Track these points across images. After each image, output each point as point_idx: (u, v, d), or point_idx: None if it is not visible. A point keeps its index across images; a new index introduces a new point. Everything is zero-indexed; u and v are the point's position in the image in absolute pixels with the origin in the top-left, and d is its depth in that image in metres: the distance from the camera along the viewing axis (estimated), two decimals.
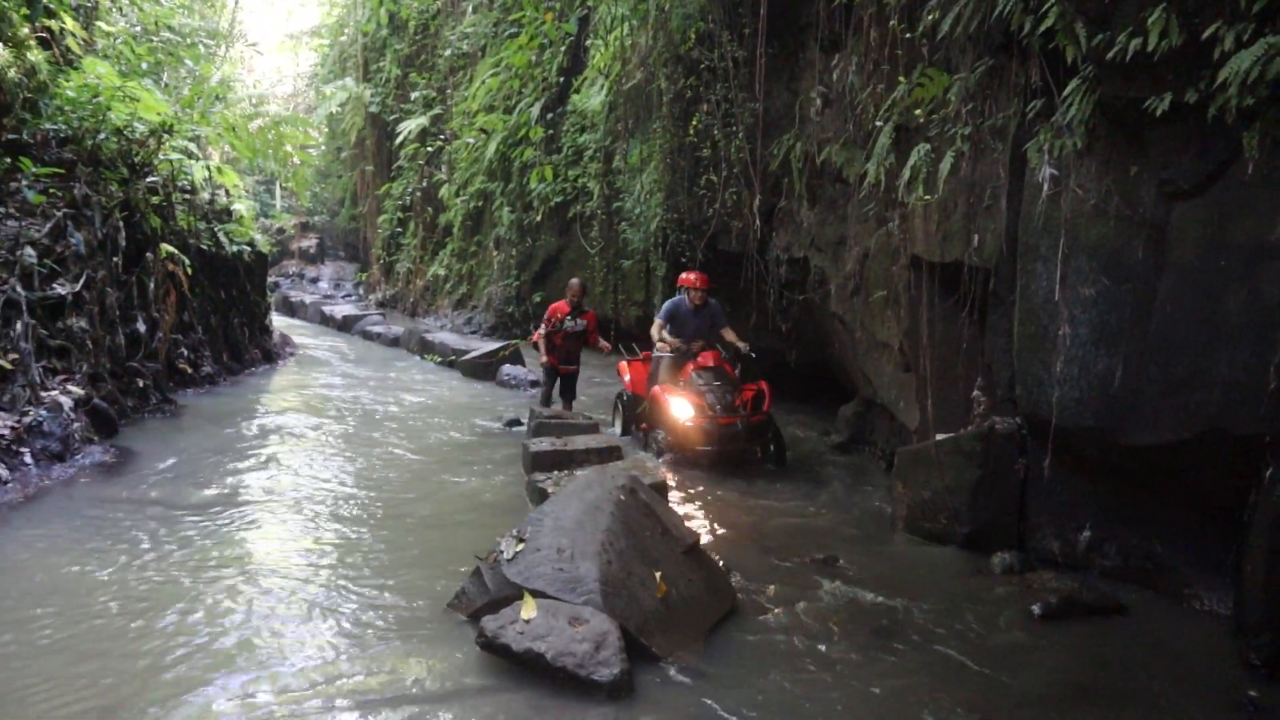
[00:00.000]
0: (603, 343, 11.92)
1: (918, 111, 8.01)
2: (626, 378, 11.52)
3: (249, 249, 17.37)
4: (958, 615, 6.10)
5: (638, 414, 10.87)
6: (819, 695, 4.96)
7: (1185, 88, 5.41)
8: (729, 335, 10.54)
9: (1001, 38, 6.99)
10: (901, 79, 8.26)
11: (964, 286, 7.60)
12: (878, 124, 8.63)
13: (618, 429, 11.55)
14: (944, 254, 7.95)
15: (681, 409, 9.68)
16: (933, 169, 7.57)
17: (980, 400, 7.55)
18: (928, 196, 7.72)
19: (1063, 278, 6.42)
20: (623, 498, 5.98)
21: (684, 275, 10.88)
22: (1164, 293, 5.90)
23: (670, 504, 7.27)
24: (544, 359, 11.83)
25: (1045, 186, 6.55)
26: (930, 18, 7.54)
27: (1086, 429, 6.31)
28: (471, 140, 23.36)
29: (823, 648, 5.55)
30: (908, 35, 8.25)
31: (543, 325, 11.72)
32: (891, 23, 8.44)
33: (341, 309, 27.73)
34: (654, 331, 10.51)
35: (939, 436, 7.45)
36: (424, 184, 27.50)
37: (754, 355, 10.50)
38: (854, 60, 9.62)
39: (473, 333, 22.51)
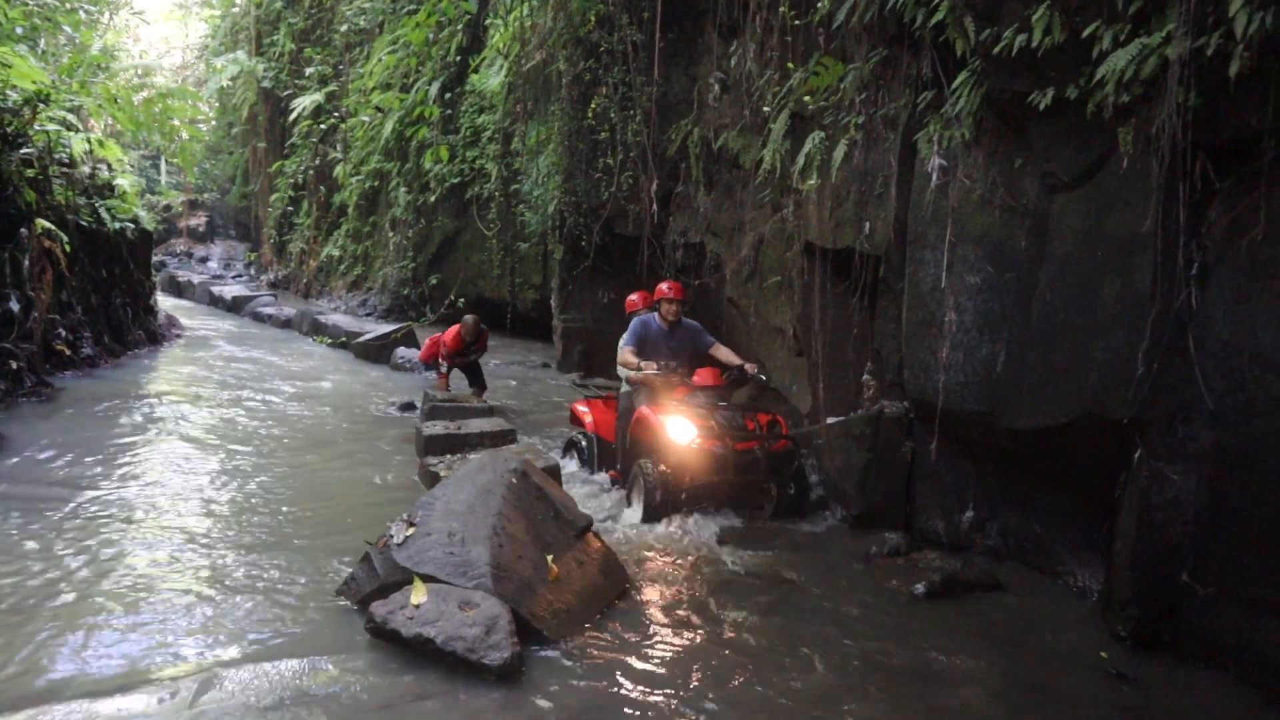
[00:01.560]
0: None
1: (811, 99, 8.11)
2: (589, 419, 9.12)
3: (132, 226, 16.76)
4: (845, 594, 6.24)
5: (613, 455, 8.59)
6: (707, 675, 5.02)
7: (1066, 84, 5.58)
8: (723, 354, 8.27)
9: (895, 29, 7.12)
10: (794, 66, 8.36)
11: (855, 273, 7.74)
12: (773, 110, 8.72)
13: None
14: (836, 241, 8.08)
15: (681, 430, 7.44)
16: (826, 157, 7.69)
17: (870, 384, 7.71)
18: (819, 183, 7.83)
19: (949, 266, 6.58)
20: (515, 481, 5.95)
21: (641, 291, 9.41)
22: (1045, 281, 6.09)
23: (564, 487, 7.26)
24: (441, 384, 11.98)
25: (934, 176, 6.70)
26: (824, 6, 7.64)
27: (970, 413, 6.50)
28: (367, 119, 22.92)
29: (712, 628, 5.62)
30: (804, 23, 8.35)
31: (439, 355, 12.09)
32: (782, 9, 8.52)
33: (231, 289, 27.01)
34: (623, 359, 8.19)
35: (830, 420, 7.59)
36: (318, 162, 26.87)
37: (765, 378, 8.49)
38: (751, 47, 9.70)
39: (367, 315, 22.15)
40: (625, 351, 8.12)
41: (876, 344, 7.75)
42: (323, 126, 26.47)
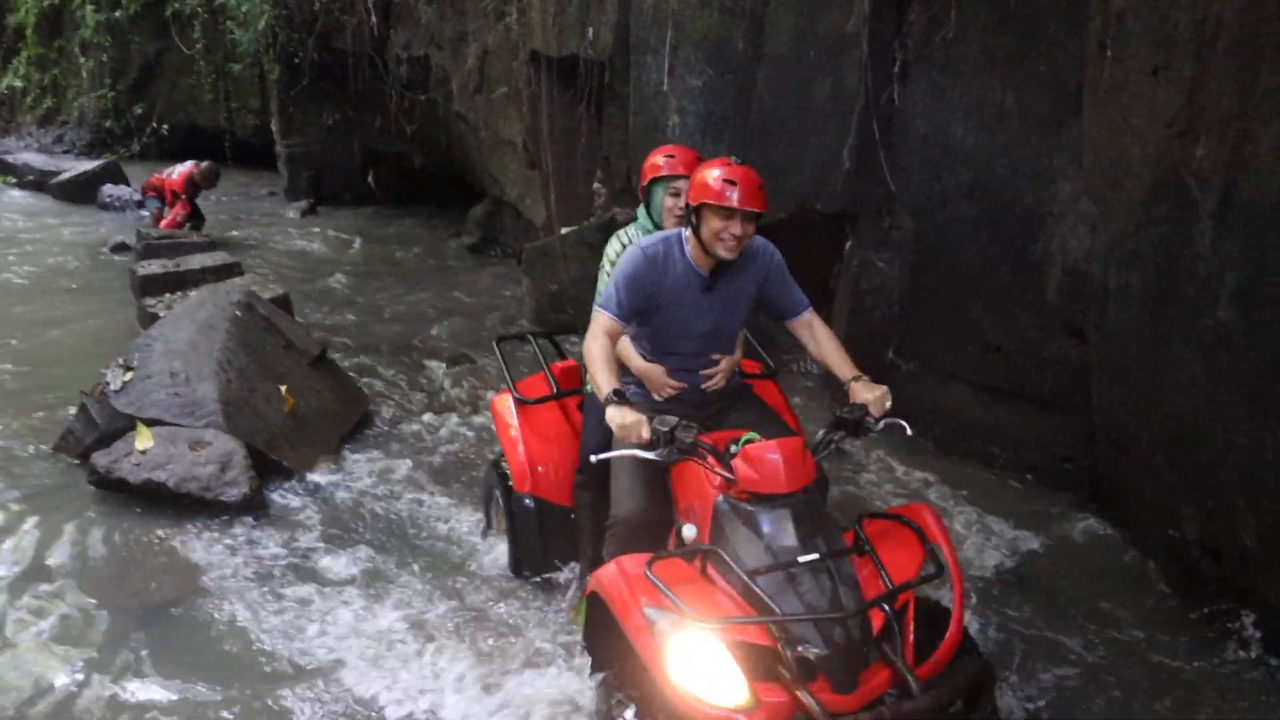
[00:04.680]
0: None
1: None
2: (518, 450, 4.11)
3: None
4: None
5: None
6: (449, 491, 5.11)
7: None
8: (831, 352, 3.44)
9: None
10: None
11: (581, 80, 7.66)
12: None
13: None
14: (560, 48, 7.93)
15: (712, 675, 2.56)
16: None
17: (601, 192, 7.77)
18: None
19: (671, 69, 6.61)
20: (239, 314, 5.69)
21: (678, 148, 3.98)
22: (762, 82, 6.23)
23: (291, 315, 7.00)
24: (169, 221, 10.94)
25: None
26: None
27: None
28: None
29: (453, 445, 5.68)
30: None
31: (166, 202, 10.87)
32: None
33: None
34: (588, 347, 3.21)
35: (563, 230, 7.63)
36: None
37: (909, 431, 3.23)
38: None
39: (66, 152, 20.04)
40: (600, 322, 3.25)
41: (605, 152, 7.78)
42: None
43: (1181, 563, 4.01)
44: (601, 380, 3.07)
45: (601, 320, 3.22)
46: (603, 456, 3.06)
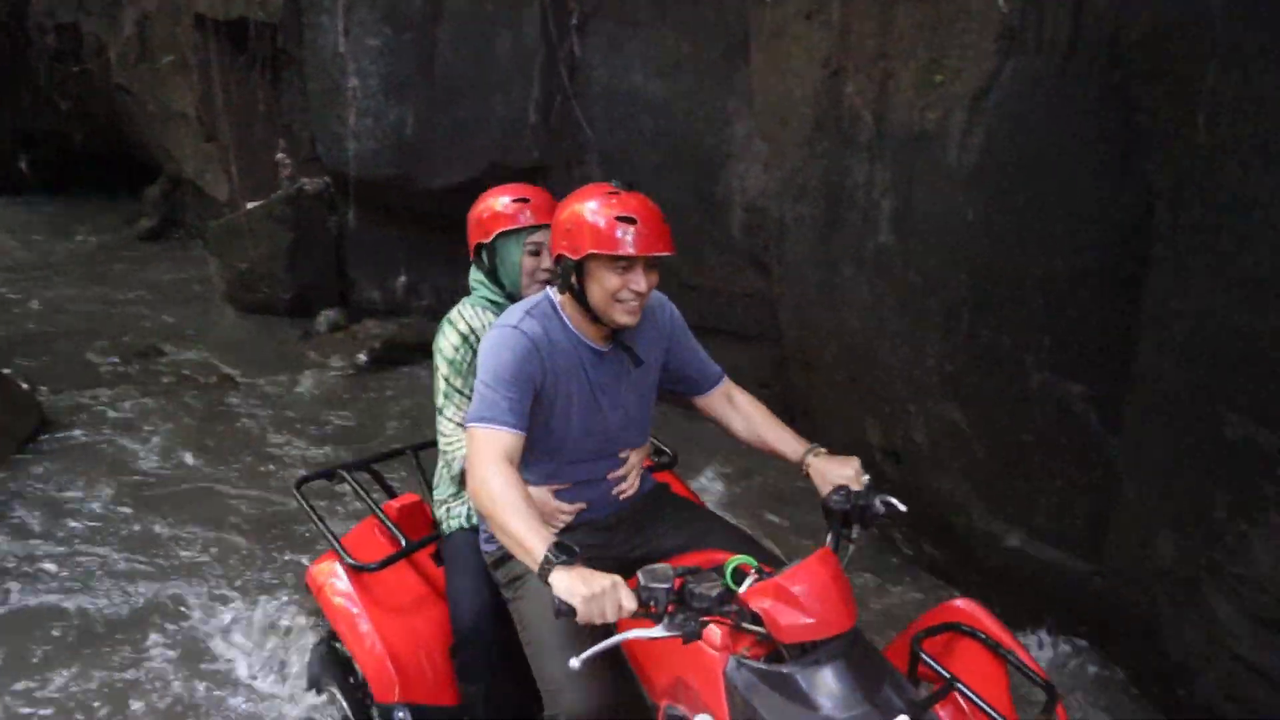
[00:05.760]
0: None
1: None
2: (356, 613, 2.66)
3: None
4: (290, 375, 6.22)
5: None
6: (146, 506, 4.72)
7: None
8: (755, 421, 2.57)
9: None
10: None
11: (252, 44, 7.26)
12: None
13: None
14: (227, 10, 7.47)
15: None
16: None
17: (285, 163, 7.43)
18: None
19: (346, 30, 6.39)
20: None
21: (494, 201, 2.66)
22: (443, 41, 6.15)
23: None
24: None
25: None
26: None
27: (385, 178, 6.54)
28: None
29: (140, 447, 5.31)
30: None
31: None
32: None
33: None
34: (486, 486, 2.04)
35: (249, 205, 7.27)
36: None
37: (903, 508, 2.26)
38: None
39: None
40: (489, 443, 2.12)
41: (286, 120, 7.44)
42: None
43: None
44: (523, 532, 1.92)
45: (491, 441, 2.11)
46: (600, 649, 1.81)
